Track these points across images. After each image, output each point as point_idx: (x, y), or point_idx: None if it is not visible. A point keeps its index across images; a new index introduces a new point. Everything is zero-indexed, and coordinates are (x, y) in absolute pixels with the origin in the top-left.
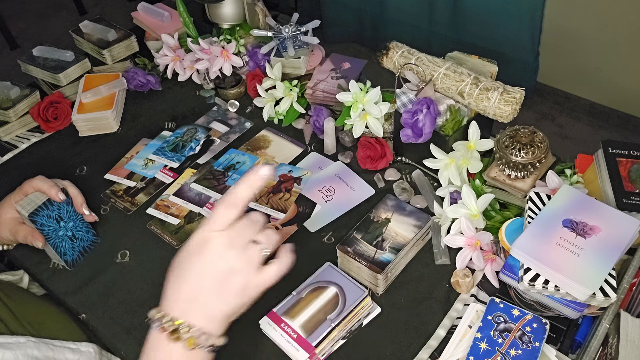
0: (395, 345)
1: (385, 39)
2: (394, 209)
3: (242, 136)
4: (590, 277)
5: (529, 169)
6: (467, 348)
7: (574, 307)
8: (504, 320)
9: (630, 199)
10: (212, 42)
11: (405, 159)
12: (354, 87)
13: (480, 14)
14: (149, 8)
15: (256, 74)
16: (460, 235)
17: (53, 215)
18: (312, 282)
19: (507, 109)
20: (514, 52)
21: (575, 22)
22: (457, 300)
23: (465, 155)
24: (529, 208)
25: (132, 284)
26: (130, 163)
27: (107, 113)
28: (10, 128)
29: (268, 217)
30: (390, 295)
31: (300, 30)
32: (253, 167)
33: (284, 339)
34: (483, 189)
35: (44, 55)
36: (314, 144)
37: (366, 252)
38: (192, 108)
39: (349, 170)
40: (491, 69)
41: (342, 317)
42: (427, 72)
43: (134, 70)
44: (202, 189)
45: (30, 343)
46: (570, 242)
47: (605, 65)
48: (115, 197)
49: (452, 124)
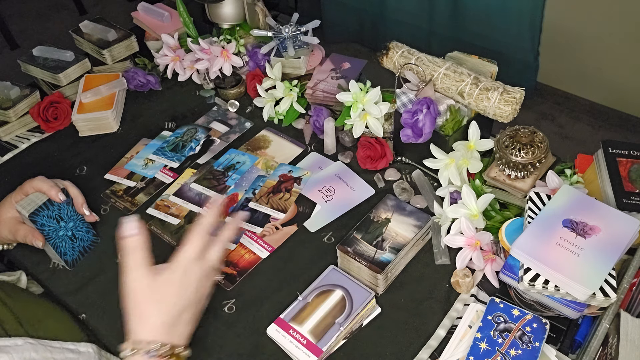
0: (395, 345)
1: (385, 39)
2: (394, 209)
3: (242, 136)
4: (590, 277)
5: (529, 169)
6: (467, 348)
7: (574, 307)
8: (504, 320)
9: (630, 199)
10: (212, 42)
11: (405, 159)
12: (354, 87)
13: (480, 14)
14: (149, 8)
15: (256, 74)
16: (460, 235)
17: (53, 215)
18: (317, 286)
19: (507, 109)
20: (514, 52)
21: (575, 22)
22: (457, 300)
23: (465, 155)
24: (529, 208)
25: None
26: (130, 163)
27: (107, 113)
28: (10, 128)
29: (268, 217)
30: (390, 295)
31: (300, 30)
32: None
33: (293, 345)
34: (483, 189)
35: (44, 55)
36: (314, 144)
37: (366, 252)
38: (192, 108)
39: (349, 170)
40: (491, 69)
41: (350, 320)
42: (427, 72)
43: (134, 70)
44: (202, 189)
45: (28, 345)
46: (570, 242)
47: (605, 65)
48: (115, 197)
49: (452, 124)
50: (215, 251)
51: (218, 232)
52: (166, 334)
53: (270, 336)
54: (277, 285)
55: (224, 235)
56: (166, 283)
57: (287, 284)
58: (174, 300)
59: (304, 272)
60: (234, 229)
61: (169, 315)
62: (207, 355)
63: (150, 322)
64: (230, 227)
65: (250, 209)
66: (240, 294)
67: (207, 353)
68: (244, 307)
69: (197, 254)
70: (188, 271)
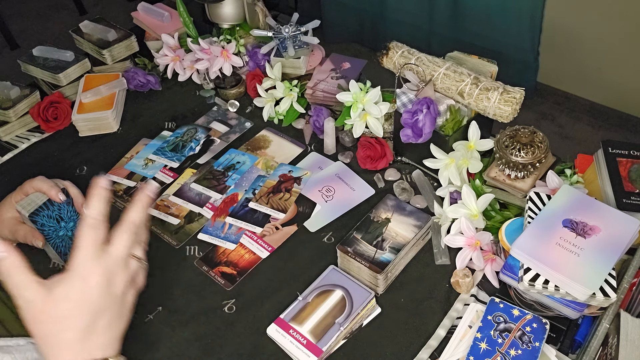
0: (395, 345)
1: (385, 39)
2: (394, 209)
3: (242, 136)
4: (590, 277)
5: (529, 169)
6: (467, 348)
7: (574, 307)
8: (504, 320)
9: (630, 199)
10: (212, 42)
11: (405, 159)
12: (354, 87)
13: (480, 14)
14: (149, 8)
15: (256, 74)
16: (460, 235)
17: (53, 215)
18: (317, 286)
19: (507, 109)
20: (514, 52)
21: (575, 22)
22: (457, 300)
23: (465, 155)
24: (529, 208)
25: None
26: (130, 163)
27: (107, 113)
28: (10, 128)
29: (268, 217)
30: (390, 295)
31: (300, 30)
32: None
33: (293, 345)
34: (483, 189)
35: (44, 55)
36: (314, 144)
37: (366, 252)
38: (192, 108)
39: (349, 170)
40: (491, 69)
41: (350, 320)
42: (427, 72)
43: (134, 70)
44: (202, 189)
45: (30, 346)
46: (570, 242)
47: (605, 65)
48: (115, 197)
49: (452, 124)
50: (121, 239)
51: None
52: (81, 350)
53: (270, 336)
54: (277, 285)
55: (128, 217)
56: (63, 296)
57: (287, 284)
58: (78, 312)
59: (304, 272)
60: (141, 206)
61: (77, 329)
62: (207, 355)
63: (58, 343)
64: (136, 205)
65: (250, 209)
66: (240, 294)
67: (207, 353)
68: (244, 307)
69: (93, 253)
70: (87, 275)
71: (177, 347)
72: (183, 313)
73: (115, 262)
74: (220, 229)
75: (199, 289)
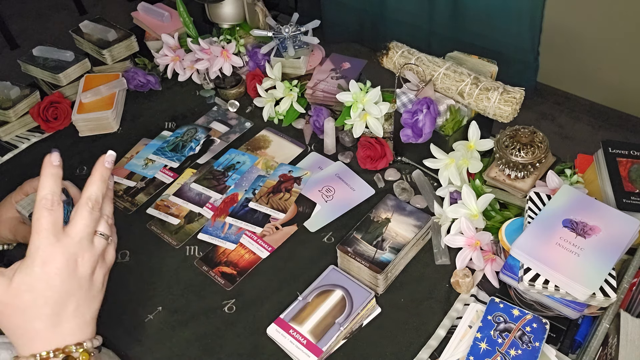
0: (395, 345)
1: (385, 39)
2: (394, 209)
3: (242, 136)
4: (590, 277)
5: (529, 169)
6: (467, 348)
7: (574, 307)
8: (504, 320)
9: (630, 199)
10: (212, 42)
11: (405, 159)
12: (354, 87)
13: (480, 14)
14: (149, 8)
15: (256, 74)
16: (460, 235)
17: None
18: (317, 286)
19: (507, 109)
20: (514, 52)
21: (575, 22)
22: (457, 300)
23: (465, 155)
24: (529, 208)
25: (132, 284)
26: (130, 163)
27: (107, 113)
28: (10, 128)
29: (268, 217)
30: (390, 295)
31: (300, 30)
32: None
33: (293, 345)
34: (483, 189)
35: (44, 55)
36: (314, 144)
37: (366, 252)
38: (192, 108)
39: (349, 170)
40: (491, 69)
41: (350, 320)
42: (427, 72)
43: (134, 70)
44: (202, 189)
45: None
46: (570, 242)
47: (605, 65)
48: (115, 197)
49: (452, 124)
50: (80, 218)
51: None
52: (53, 339)
53: (270, 336)
54: (277, 285)
55: (85, 193)
56: (23, 285)
57: (287, 284)
58: (42, 301)
59: (304, 272)
60: (99, 179)
61: (44, 318)
62: (207, 355)
63: (28, 334)
64: (93, 178)
65: (250, 209)
66: (240, 294)
67: (207, 353)
68: (244, 307)
69: (51, 236)
70: (47, 261)
71: (177, 347)
72: (183, 313)
73: (77, 243)
74: (220, 229)
75: (199, 289)
